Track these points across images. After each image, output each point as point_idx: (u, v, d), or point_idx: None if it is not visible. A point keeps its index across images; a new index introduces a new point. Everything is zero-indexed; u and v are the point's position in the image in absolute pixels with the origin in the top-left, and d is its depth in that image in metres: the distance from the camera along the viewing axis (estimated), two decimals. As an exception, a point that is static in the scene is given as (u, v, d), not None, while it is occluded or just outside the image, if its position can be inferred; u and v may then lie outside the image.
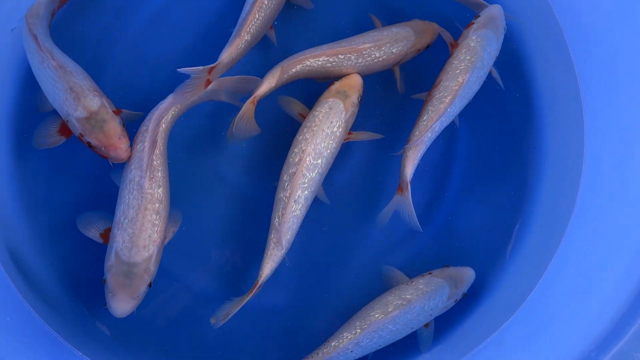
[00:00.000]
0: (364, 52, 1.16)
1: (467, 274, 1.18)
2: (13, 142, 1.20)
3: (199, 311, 1.18)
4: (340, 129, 1.12)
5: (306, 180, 1.08)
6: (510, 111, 1.30)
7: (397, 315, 1.09)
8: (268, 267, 1.07)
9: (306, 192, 1.09)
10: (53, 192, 1.21)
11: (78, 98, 1.05)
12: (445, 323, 1.20)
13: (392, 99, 1.27)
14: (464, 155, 1.29)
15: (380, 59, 1.17)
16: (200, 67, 1.04)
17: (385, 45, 1.17)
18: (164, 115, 1.09)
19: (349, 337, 1.08)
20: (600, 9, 1.19)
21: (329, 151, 1.10)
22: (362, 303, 1.13)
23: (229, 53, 1.08)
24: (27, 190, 1.20)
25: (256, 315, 1.20)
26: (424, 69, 1.27)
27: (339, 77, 1.16)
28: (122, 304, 1.00)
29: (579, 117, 1.25)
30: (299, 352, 1.12)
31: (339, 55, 1.14)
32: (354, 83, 1.15)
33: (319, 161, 1.09)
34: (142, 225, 1.02)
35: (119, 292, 1.00)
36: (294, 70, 1.13)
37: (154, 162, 1.06)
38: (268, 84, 1.11)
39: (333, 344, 1.08)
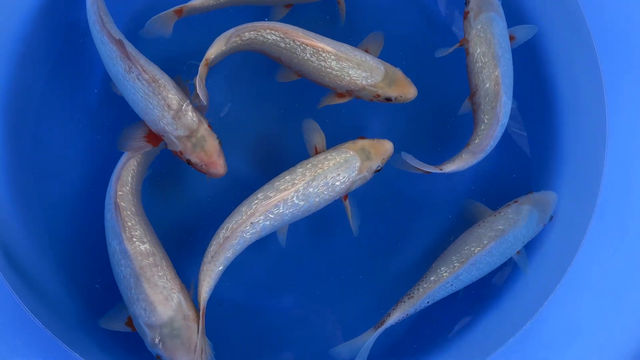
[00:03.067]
0: (321, 53, 1.06)
1: (552, 196, 1.17)
2: (7, 137, 1.17)
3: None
4: (342, 186, 1.03)
5: (276, 213, 1.00)
6: (530, 118, 1.26)
7: (493, 247, 1.09)
8: (205, 285, 0.98)
9: (267, 222, 1.01)
10: (47, 188, 1.18)
11: (178, 117, 1.02)
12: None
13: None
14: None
15: (332, 73, 1.07)
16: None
17: (345, 62, 1.07)
18: (119, 177, 1.05)
19: (448, 272, 1.08)
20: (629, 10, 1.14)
21: (317, 199, 1.02)
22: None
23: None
24: (21, 187, 1.17)
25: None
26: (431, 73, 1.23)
27: (288, 67, 1.09)
28: None
29: (602, 123, 1.20)
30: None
31: (296, 41, 1.06)
32: (383, 150, 1.06)
33: (301, 203, 1.01)
34: (149, 285, 0.98)
35: (177, 356, 0.95)
36: (247, 36, 1.07)
37: (128, 224, 1.02)
38: (217, 46, 1.06)
39: (432, 278, 1.09)
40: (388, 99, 1.08)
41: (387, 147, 1.07)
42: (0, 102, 1.17)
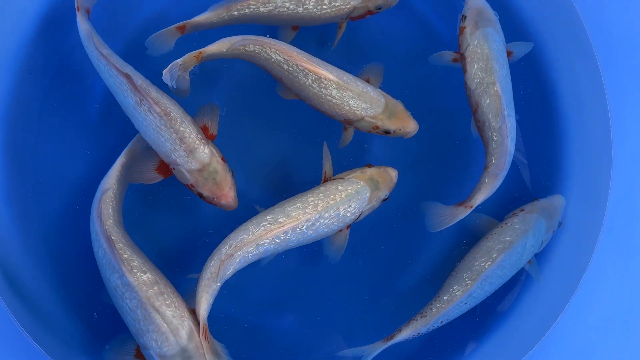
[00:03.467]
0: (323, 81, 1.05)
1: (559, 202, 1.16)
2: (6, 153, 1.15)
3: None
4: (352, 217, 1.04)
5: (282, 239, 1.00)
6: (534, 130, 1.26)
7: (503, 259, 1.08)
8: (204, 301, 0.96)
9: (272, 246, 1.00)
10: (46, 204, 1.16)
11: (190, 151, 1.01)
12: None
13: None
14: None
15: (332, 101, 1.05)
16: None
17: (346, 92, 1.05)
18: (101, 212, 1.02)
19: (461, 290, 1.07)
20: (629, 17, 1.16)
21: (325, 230, 1.02)
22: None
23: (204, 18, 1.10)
24: (20, 203, 1.15)
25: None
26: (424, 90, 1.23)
27: (288, 89, 1.08)
28: None
29: (607, 136, 1.21)
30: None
31: (299, 65, 1.05)
32: (390, 179, 1.07)
33: (309, 232, 1.01)
34: (159, 315, 0.95)
35: None
36: (251, 48, 1.06)
37: (124, 256, 0.99)
38: (219, 46, 1.05)
39: (445, 297, 1.07)
40: (387, 132, 1.07)
41: (392, 175, 1.08)
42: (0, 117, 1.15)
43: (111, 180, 1.06)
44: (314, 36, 1.24)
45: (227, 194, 1.02)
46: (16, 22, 1.16)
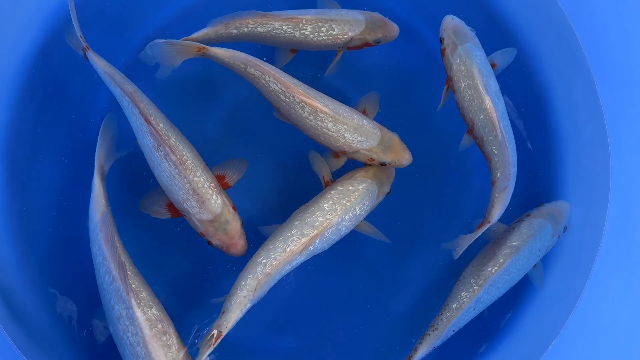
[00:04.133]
0: (319, 114, 1.06)
1: (564, 207, 1.17)
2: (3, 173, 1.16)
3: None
4: (364, 214, 1.07)
5: (311, 249, 1.03)
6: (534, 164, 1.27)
7: (509, 264, 1.09)
8: (234, 319, 0.96)
9: (302, 258, 1.03)
10: (43, 226, 1.17)
11: (202, 202, 1.02)
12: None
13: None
14: (479, 194, 1.26)
15: (328, 134, 1.07)
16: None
17: (342, 125, 1.07)
18: (109, 235, 1.00)
19: (468, 296, 1.08)
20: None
21: (344, 232, 1.06)
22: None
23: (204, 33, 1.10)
24: (17, 224, 1.16)
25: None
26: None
27: (285, 118, 1.09)
28: None
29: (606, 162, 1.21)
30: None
31: (296, 97, 1.06)
32: (392, 175, 1.12)
33: (334, 237, 1.04)
34: (158, 357, 0.94)
35: None
36: (252, 72, 1.07)
37: (133, 286, 0.97)
38: (220, 52, 1.07)
39: (454, 306, 1.08)
40: (382, 164, 1.09)
41: (392, 172, 1.11)
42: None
43: (102, 201, 1.04)
44: (311, 58, 1.24)
45: (236, 244, 1.04)
46: (16, 43, 1.17)
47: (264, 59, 1.11)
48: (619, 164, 1.20)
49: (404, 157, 1.09)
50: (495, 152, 1.07)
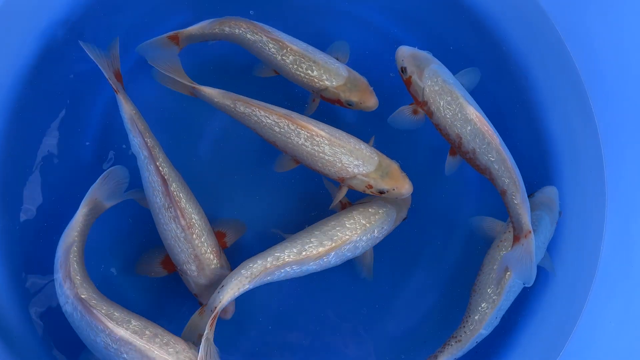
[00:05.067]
0: (315, 138, 1.05)
1: (553, 192, 1.16)
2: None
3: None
4: (381, 237, 1.09)
5: (325, 261, 1.03)
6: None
7: None
8: (230, 294, 0.98)
9: (314, 266, 1.04)
10: (39, 249, 1.14)
11: (201, 268, 1.04)
12: None
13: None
14: (475, 208, 1.25)
15: (325, 158, 1.05)
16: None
17: (339, 148, 1.05)
18: (71, 271, 0.97)
19: (489, 307, 1.08)
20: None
21: (359, 251, 1.07)
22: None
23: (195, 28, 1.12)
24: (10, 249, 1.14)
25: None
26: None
27: (283, 151, 1.09)
28: None
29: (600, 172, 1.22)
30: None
31: (290, 125, 1.05)
32: (409, 201, 1.13)
33: (348, 254, 1.06)
34: (161, 357, 0.91)
35: None
36: (241, 110, 1.08)
37: (102, 311, 0.94)
38: (211, 92, 1.09)
39: (476, 317, 1.08)
40: (381, 192, 1.06)
41: (409, 199, 1.12)
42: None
43: (73, 234, 1.01)
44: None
45: (227, 309, 1.05)
46: (11, 65, 1.17)
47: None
48: (614, 163, 1.21)
49: (404, 186, 1.06)
50: (494, 159, 1.03)
